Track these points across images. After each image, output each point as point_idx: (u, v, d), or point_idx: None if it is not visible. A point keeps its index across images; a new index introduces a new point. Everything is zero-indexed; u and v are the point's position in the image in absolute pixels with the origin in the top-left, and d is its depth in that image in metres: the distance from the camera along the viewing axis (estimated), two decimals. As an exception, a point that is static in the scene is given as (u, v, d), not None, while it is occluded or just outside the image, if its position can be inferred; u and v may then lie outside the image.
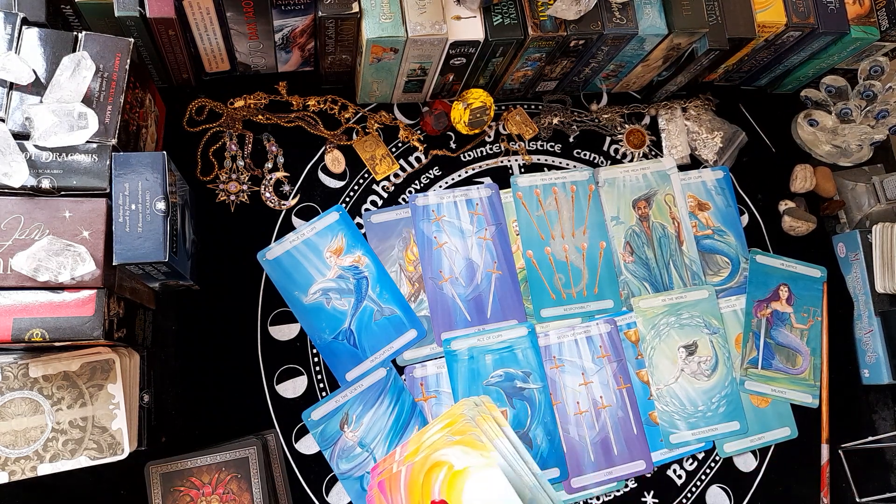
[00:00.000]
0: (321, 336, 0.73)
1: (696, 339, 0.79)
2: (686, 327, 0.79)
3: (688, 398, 0.77)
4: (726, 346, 0.80)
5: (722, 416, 0.78)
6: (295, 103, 0.78)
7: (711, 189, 0.85)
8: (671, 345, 0.79)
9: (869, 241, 0.84)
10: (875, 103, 0.83)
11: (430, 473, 0.57)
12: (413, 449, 0.60)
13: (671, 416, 0.77)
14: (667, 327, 0.79)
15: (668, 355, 0.78)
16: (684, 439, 0.77)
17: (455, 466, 0.56)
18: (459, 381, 0.74)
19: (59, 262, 0.53)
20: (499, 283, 0.77)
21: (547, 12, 0.69)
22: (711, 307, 0.81)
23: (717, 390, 0.78)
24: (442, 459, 0.57)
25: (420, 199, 0.78)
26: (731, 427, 0.78)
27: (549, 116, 0.84)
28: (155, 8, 0.61)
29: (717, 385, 0.79)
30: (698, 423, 0.77)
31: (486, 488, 0.54)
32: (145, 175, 0.57)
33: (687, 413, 0.77)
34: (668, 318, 0.79)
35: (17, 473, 0.55)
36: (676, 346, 0.79)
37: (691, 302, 0.80)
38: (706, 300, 0.81)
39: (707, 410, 0.78)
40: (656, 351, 0.78)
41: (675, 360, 0.78)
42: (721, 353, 0.80)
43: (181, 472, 0.64)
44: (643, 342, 0.78)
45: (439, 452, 0.57)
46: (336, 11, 0.65)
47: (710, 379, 0.79)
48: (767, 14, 0.75)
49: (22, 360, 0.57)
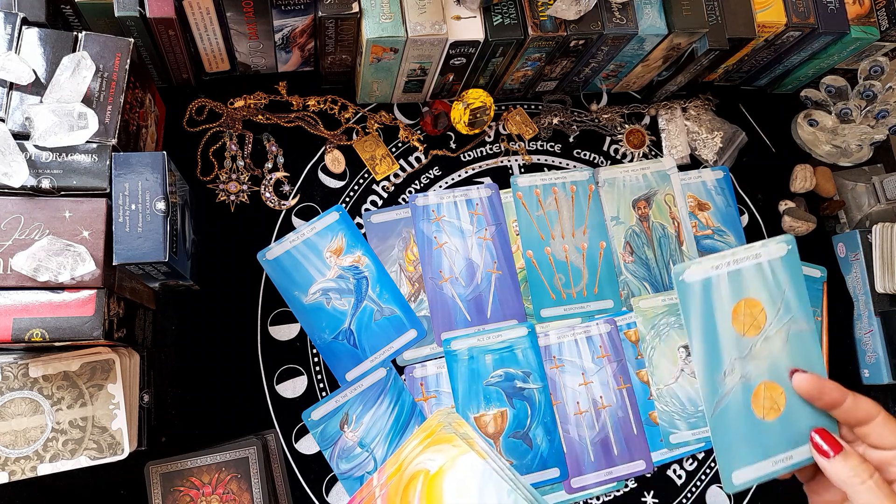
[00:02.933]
0: (321, 336, 0.73)
1: (696, 339, 0.79)
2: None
3: (688, 398, 0.77)
4: (726, 346, 0.80)
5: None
6: (295, 103, 0.78)
7: (711, 189, 0.85)
8: (671, 345, 0.79)
9: (869, 241, 0.84)
10: (875, 103, 0.83)
11: (408, 488, 0.56)
12: (394, 469, 0.59)
13: (671, 416, 0.77)
14: (667, 327, 0.79)
15: (668, 355, 0.78)
16: (684, 439, 0.77)
17: (431, 471, 0.54)
18: (459, 381, 0.74)
19: (59, 262, 0.53)
20: (499, 283, 0.77)
21: (547, 12, 0.69)
22: (711, 307, 0.81)
23: (717, 390, 0.78)
24: (417, 469, 0.55)
25: (420, 199, 0.78)
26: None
27: (549, 116, 0.84)
28: (155, 8, 0.61)
29: (717, 385, 0.79)
30: (698, 423, 0.77)
31: (464, 477, 0.53)
32: (145, 175, 0.57)
33: (687, 413, 0.77)
34: (668, 318, 0.79)
35: (17, 473, 0.55)
36: (676, 346, 0.79)
37: (691, 302, 0.80)
38: (706, 300, 0.81)
39: (707, 410, 0.78)
40: (656, 351, 0.78)
41: (675, 360, 0.78)
42: (721, 353, 0.80)
43: (181, 472, 0.64)
44: (643, 342, 0.78)
45: (413, 463, 0.56)
46: (336, 11, 0.65)
47: (710, 379, 0.79)
48: (767, 14, 0.75)
49: (22, 360, 0.57)
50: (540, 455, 0.73)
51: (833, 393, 0.43)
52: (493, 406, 0.73)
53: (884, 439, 0.42)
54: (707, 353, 0.45)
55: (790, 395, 0.45)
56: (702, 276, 0.45)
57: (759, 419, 0.45)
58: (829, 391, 0.44)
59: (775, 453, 0.46)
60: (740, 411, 0.45)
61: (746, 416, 0.45)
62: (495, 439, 0.73)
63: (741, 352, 0.45)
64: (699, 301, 0.45)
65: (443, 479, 0.53)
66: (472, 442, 0.55)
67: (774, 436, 0.45)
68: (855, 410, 0.43)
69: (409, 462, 0.56)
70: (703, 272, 0.45)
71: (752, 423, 0.45)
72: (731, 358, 0.45)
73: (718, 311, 0.45)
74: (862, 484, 0.41)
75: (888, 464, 0.42)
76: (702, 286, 0.45)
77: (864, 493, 0.40)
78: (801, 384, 0.44)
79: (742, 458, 0.45)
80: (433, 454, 0.55)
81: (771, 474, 0.46)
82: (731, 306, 0.45)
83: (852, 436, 0.45)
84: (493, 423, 0.73)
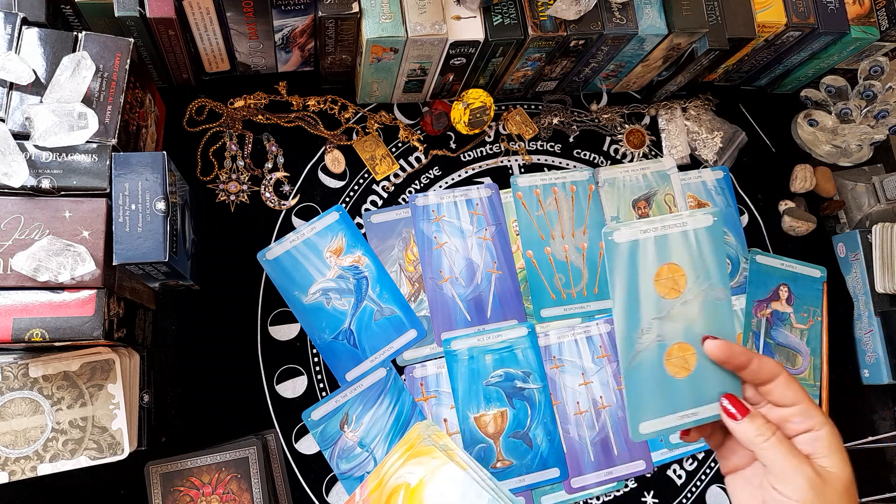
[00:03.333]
0: (321, 336, 0.73)
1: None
2: (686, 327, 0.80)
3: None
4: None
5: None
6: (295, 103, 0.78)
7: (711, 189, 0.85)
8: (671, 345, 0.79)
9: (869, 241, 0.84)
10: (875, 103, 0.83)
11: (389, 502, 0.55)
12: (376, 483, 0.58)
13: (671, 416, 0.77)
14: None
15: (667, 355, 0.78)
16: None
17: (411, 483, 0.54)
18: (459, 381, 0.74)
19: (59, 262, 0.53)
20: (499, 283, 0.77)
21: (547, 12, 0.69)
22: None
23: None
24: (398, 483, 0.55)
25: (420, 199, 0.78)
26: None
27: (549, 116, 0.84)
28: (155, 8, 0.61)
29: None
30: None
31: (444, 489, 0.52)
32: (145, 175, 0.57)
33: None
34: (668, 318, 0.79)
35: (17, 473, 0.55)
36: (676, 346, 0.79)
37: (691, 302, 0.80)
38: (706, 300, 0.81)
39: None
40: (656, 351, 0.78)
41: (674, 360, 0.78)
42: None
43: (181, 472, 0.64)
44: (643, 342, 0.78)
45: (394, 477, 0.56)
46: (336, 11, 0.65)
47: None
48: (767, 14, 0.75)
49: (22, 360, 0.57)
50: (540, 455, 0.73)
51: (741, 357, 0.47)
52: (493, 406, 0.73)
53: (785, 398, 0.46)
54: (627, 310, 0.47)
55: (700, 357, 0.49)
56: (629, 237, 0.47)
57: (670, 376, 0.48)
58: (736, 355, 0.47)
59: (682, 409, 0.49)
60: (653, 368, 0.48)
61: (659, 372, 0.48)
62: (495, 439, 0.73)
63: (660, 312, 0.48)
64: (625, 261, 0.47)
65: (423, 492, 0.53)
66: (451, 453, 0.55)
67: (683, 393, 0.48)
68: (759, 371, 0.47)
69: (389, 476, 0.56)
70: (631, 234, 0.47)
71: (663, 380, 0.48)
72: (650, 317, 0.48)
73: (642, 273, 0.48)
74: (766, 441, 0.45)
75: (787, 420, 0.46)
76: (629, 247, 0.47)
77: (768, 450, 0.45)
78: (712, 349, 0.48)
79: (650, 411, 0.48)
80: (413, 467, 0.55)
81: (676, 427, 0.49)
82: (655, 269, 0.48)
83: (757, 396, 0.49)
84: (493, 423, 0.73)
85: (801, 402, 0.46)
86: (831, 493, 0.43)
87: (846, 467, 0.45)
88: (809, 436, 0.45)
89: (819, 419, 0.45)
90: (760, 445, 0.45)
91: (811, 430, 0.45)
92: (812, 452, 0.45)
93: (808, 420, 0.46)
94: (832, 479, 0.44)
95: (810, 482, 0.43)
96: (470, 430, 0.73)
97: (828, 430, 0.45)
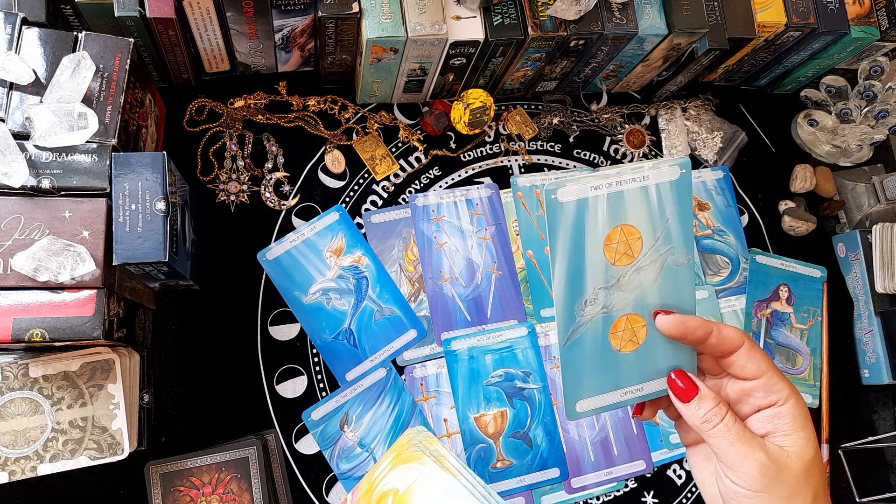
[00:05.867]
0: (321, 336, 0.73)
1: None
2: (686, 327, 0.79)
3: (688, 398, 0.77)
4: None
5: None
6: (295, 103, 0.78)
7: (711, 189, 0.85)
8: (671, 345, 0.78)
9: (869, 241, 0.84)
10: (875, 103, 0.83)
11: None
12: (365, 489, 0.57)
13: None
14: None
15: (667, 355, 0.78)
16: (684, 439, 0.77)
17: (400, 489, 0.53)
18: (459, 381, 0.74)
19: (59, 262, 0.53)
20: (499, 283, 0.77)
21: (547, 12, 0.69)
22: (711, 307, 0.81)
23: (716, 390, 0.78)
24: (386, 489, 0.54)
25: (420, 199, 0.78)
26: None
27: (549, 116, 0.84)
28: (155, 8, 0.61)
29: (716, 385, 0.79)
30: (698, 423, 0.77)
31: (433, 495, 0.51)
32: (145, 175, 0.57)
33: (687, 413, 0.77)
34: (668, 318, 0.79)
35: (17, 473, 0.55)
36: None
37: (691, 302, 0.80)
38: (706, 300, 0.81)
39: (707, 410, 0.78)
40: (656, 351, 0.78)
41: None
42: (721, 353, 0.79)
43: (181, 472, 0.64)
44: (643, 342, 0.78)
45: (382, 483, 0.55)
46: (336, 11, 0.65)
47: (710, 379, 0.79)
48: (767, 14, 0.75)
49: (22, 360, 0.57)
50: (540, 455, 0.73)
51: (698, 332, 0.42)
52: (493, 406, 0.73)
53: (745, 370, 0.42)
54: (569, 280, 0.41)
55: (652, 329, 0.43)
56: (577, 196, 0.40)
57: (614, 351, 0.43)
58: (692, 330, 0.42)
59: (626, 385, 0.44)
60: (596, 342, 0.43)
61: (602, 347, 0.43)
62: (495, 439, 0.73)
63: (608, 281, 0.42)
64: (570, 223, 0.41)
65: (411, 498, 0.52)
66: (441, 459, 0.54)
67: (628, 368, 0.43)
68: (720, 344, 0.42)
69: (378, 482, 0.55)
70: (579, 192, 0.40)
71: (606, 355, 0.43)
72: (595, 287, 0.42)
73: (590, 237, 0.41)
74: (713, 428, 0.41)
75: (748, 394, 0.42)
76: (576, 207, 0.40)
77: (715, 437, 0.41)
78: (664, 326, 0.43)
79: (590, 388, 0.43)
80: (402, 472, 0.54)
81: (619, 404, 0.44)
82: (606, 232, 0.41)
83: (717, 367, 0.44)
84: (493, 423, 0.73)
85: (763, 374, 0.42)
86: (788, 477, 0.40)
87: (809, 445, 0.41)
88: (771, 411, 0.42)
89: (783, 393, 0.42)
90: (709, 431, 0.41)
91: (773, 404, 0.42)
92: (772, 430, 0.41)
93: (770, 394, 0.42)
94: (791, 459, 0.40)
95: (762, 469, 0.40)
96: (470, 430, 0.73)
97: (792, 404, 0.41)
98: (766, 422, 0.42)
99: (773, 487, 0.40)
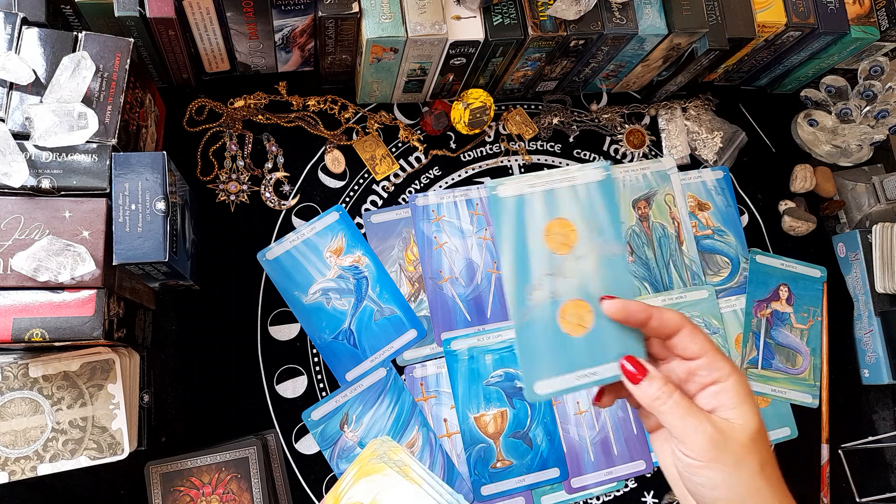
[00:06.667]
0: (321, 336, 0.73)
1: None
2: (686, 327, 0.79)
3: (688, 398, 0.77)
4: (726, 346, 0.80)
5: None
6: (295, 103, 0.78)
7: (711, 189, 0.85)
8: (671, 345, 0.79)
9: (869, 241, 0.84)
10: (875, 103, 0.83)
11: None
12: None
13: (671, 416, 0.77)
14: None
15: (667, 355, 0.78)
16: (684, 439, 0.77)
17: (364, 502, 0.53)
18: (459, 381, 0.74)
19: (59, 262, 0.53)
20: (499, 283, 0.77)
21: (547, 12, 0.69)
22: (711, 307, 0.81)
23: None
24: (351, 503, 0.54)
25: (420, 199, 0.78)
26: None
27: (549, 116, 0.84)
28: (155, 8, 0.61)
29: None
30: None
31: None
32: (145, 175, 0.57)
33: (687, 413, 0.77)
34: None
35: (17, 473, 0.55)
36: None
37: (691, 302, 0.80)
38: (706, 300, 0.81)
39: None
40: (656, 351, 0.78)
41: (674, 359, 0.78)
42: (721, 353, 0.79)
43: (181, 472, 0.64)
44: (643, 342, 0.78)
45: (346, 497, 0.55)
46: (336, 11, 0.65)
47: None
48: (767, 14, 0.75)
49: (22, 360, 0.57)
50: (540, 455, 0.73)
51: (639, 314, 0.46)
52: (493, 406, 0.73)
53: (687, 350, 0.45)
54: (516, 266, 0.46)
55: (598, 315, 0.47)
56: (515, 192, 0.46)
57: (565, 334, 0.47)
58: (634, 313, 0.46)
59: (580, 368, 0.47)
60: (547, 325, 0.46)
61: (553, 330, 0.47)
62: (495, 439, 0.73)
63: (551, 269, 0.46)
64: (511, 216, 0.46)
65: None
66: (406, 468, 0.54)
67: (580, 352, 0.47)
68: (661, 326, 0.46)
69: (343, 496, 0.55)
70: (516, 189, 0.46)
71: (557, 338, 0.47)
72: (541, 273, 0.46)
73: (531, 228, 0.46)
74: (664, 405, 0.44)
75: (693, 373, 0.46)
76: (515, 202, 0.46)
77: (666, 413, 0.44)
78: (609, 309, 0.46)
79: (546, 369, 0.47)
80: (365, 486, 0.54)
81: (575, 388, 0.47)
82: (545, 224, 0.46)
83: (664, 350, 0.48)
84: (493, 423, 0.73)
85: (705, 353, 0.45)
86: (734, 446, 0.43)
87: (753, 417, 0.44)
88: (715, 388, 0.44)
89: (725, 370, 0.44)
90: (659, 409, 0.44)
91: (717, 381, 0.44)
92: (717, 405, 0.44)
93: (714, 372, 0.45)
94: (736, 430, 0.43)
95: (710, 439, 0.42)
96: (470, 430, 0.73)
97: (734, 380, 0.44)
98: (711, 398, 0.45)
99: (722, 456, 0.43)
